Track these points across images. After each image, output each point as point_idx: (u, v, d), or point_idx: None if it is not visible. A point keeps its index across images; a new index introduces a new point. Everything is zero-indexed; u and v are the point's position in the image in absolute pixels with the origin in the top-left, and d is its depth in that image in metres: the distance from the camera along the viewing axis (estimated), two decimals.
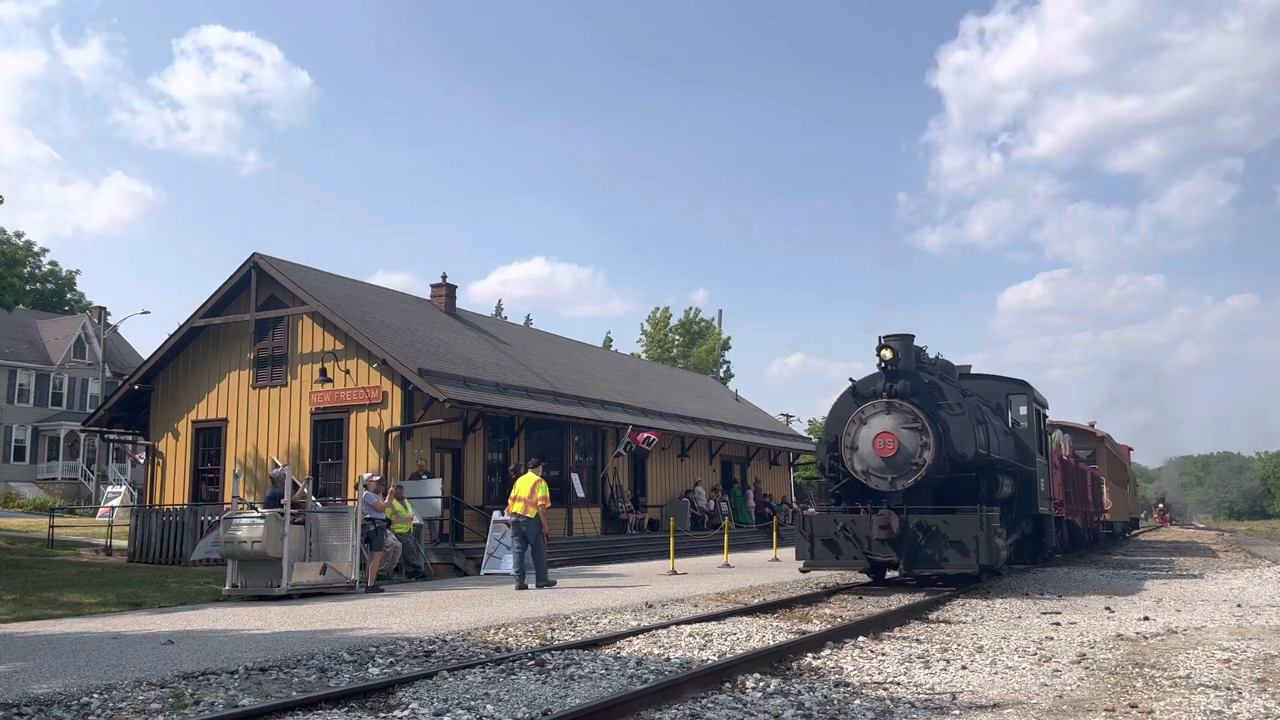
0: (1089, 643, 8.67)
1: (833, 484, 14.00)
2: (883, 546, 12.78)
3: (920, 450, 13.10)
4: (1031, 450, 16.69)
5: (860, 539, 12.93)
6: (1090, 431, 31.10)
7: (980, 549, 12.34)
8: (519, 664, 7.34)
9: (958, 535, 12.49)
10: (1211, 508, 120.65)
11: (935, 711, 5.82)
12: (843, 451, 13.65)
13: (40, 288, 60.70)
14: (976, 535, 12.39)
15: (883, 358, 13.55)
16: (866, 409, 13.56)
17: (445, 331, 25.18)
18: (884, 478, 13.28)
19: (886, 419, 13.32)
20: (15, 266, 31.53)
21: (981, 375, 17.44)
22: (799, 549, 13.53)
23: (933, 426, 13.12)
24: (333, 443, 21.14)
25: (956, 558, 12.45)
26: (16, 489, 46.18)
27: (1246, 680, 6.78)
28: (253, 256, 22.09)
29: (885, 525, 12.68)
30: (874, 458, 13.33)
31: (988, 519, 12.51)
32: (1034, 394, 17.53)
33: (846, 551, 13.06)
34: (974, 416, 13.58)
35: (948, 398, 13.57)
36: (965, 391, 14.43)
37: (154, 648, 8.48)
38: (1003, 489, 14.33)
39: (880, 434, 13.24)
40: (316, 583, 13.64)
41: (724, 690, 6.37)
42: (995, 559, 12.63)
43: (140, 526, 21.63)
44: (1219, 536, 41.94)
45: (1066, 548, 22.01)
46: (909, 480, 13.10)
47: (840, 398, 14.37)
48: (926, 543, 12.58)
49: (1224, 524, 78.81)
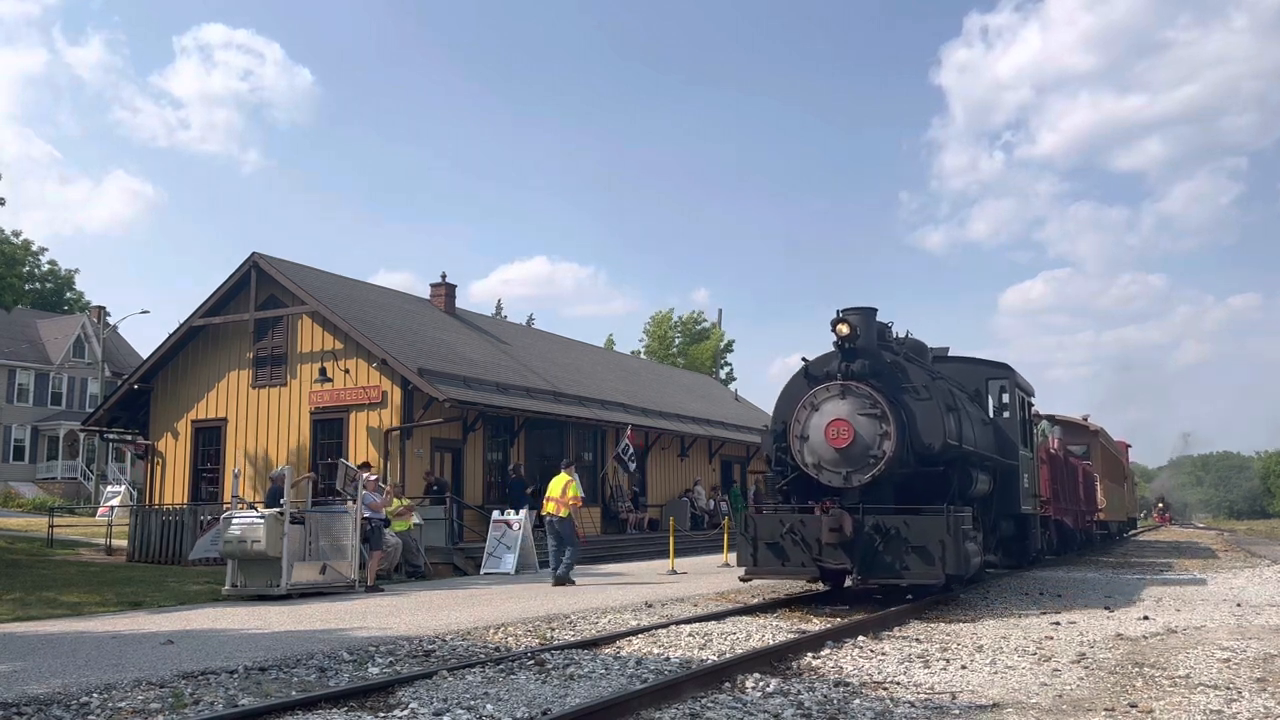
0: (1089, 642, 8.67)
1: (780, 478, 12.30)
2: (834, 551, 11.06)
3: (879, 440, 11.37)
4: (1013, 442, 14.98)
5: (810, 542, 11.20)
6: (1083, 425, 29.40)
7: (947, 555, 10.70)
8: (519, 664, 7.34)
9: (921, 539, 10.85)
10: (1211, 507, 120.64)
11: (935, 711, 5.82)
12: (791, 441, 11.93)
13: (40, 287, 60.69)
14: (942, 539, 10.74)
15: (838, 334, 11.75)
16: (819, 393, 11.83)
17: (445, 331, 25.17)
18: (837, 472, 11.55)
19: (841, 404, 11.64)
20: (15, 266, 31.48)
21: (958, 358, 15.65)
22: (740, 554, 11.94)
23: (894, 413, 11.44)
24: (332, 442, 21.14)
25: (919, 565, 10.82)
26: (16, 489, 46.17)
27: (1246, 680, 6.78)
28: (252, 256, 22.10)
29: (836, 527, 10.99)
30: (826, 449, 11.59)
31: (956, 520, 10.89)
32: (1017, 378, 15.70)
33: (794, 557, 11.33)
34: (943, 402, 11.92)
35: (913, 380, 11.87)
36: (935, 374, 12.78)
37: (153, 647, 8.47)
38: (977, 485, 12.84)
39: (833, 421, 11.54)
40: (316, 582, 13.63)
41: (724, 690, 6.37)
42: (964, 567, 10.98)
43: (140, 526, 21.63)
44: (1219, 536, 41.86)
45: (1055, 550, 20.70)
46: (866, 475, 11.39)
47: (791, 380, 12.66)
48: (885, 548, 10.95)
49: (1224, 523, 78.80)
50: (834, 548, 11.07)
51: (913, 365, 12.20)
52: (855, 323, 11.84)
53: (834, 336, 11.86)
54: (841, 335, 11.74)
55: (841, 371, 11.79)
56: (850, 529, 10.94)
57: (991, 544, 14.13)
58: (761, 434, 13.03)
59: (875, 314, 12.31)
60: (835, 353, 11.94)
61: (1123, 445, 37.54)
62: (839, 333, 11.72)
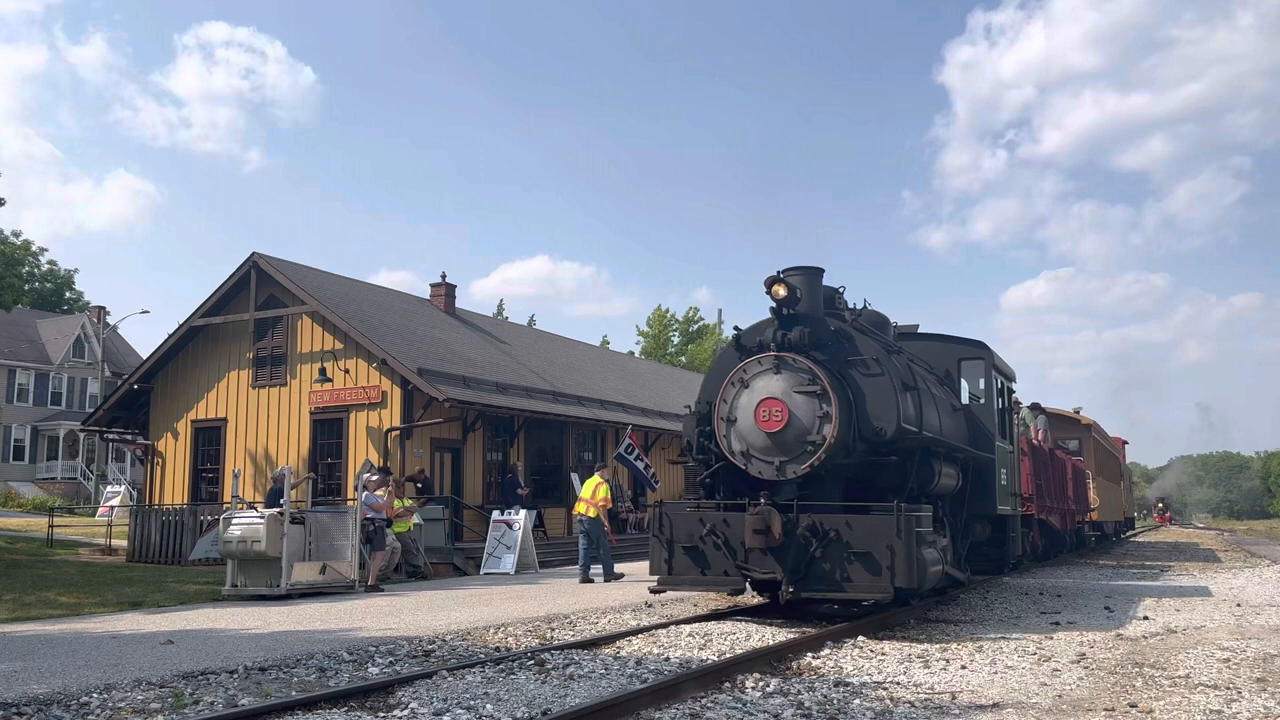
0: (1088, 642, 8.67)
1: (703, 469, 10.45)
2: (762, 558, 9.34)
3: (818, 424, 9.51)
4: (989, 431, 12.99)
5: (735, 547, 9.49)
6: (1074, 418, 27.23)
7: (896, 563, 8.91)
8: (518, 664, 7.34)
9: (865, 544, 9.05)
10: (1212, 507, 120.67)
11: (935, 711, 5.82)
12: (717, 425, 10.12)
13: (40, 287, 60.72)
14: (891, 545, 8.93)
15: (774, 296, 9.87)
16: (750, 366, 9.97)
17: (445, 331, 25.17)
18: (769, 461, 9.71)
19: (774, 380, 9.78)
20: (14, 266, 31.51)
21: (928, 335, 13.68)
22: (652, 560, 9.99)
23: (837, 391, 9.60)
24: (332, 442, 21.14)
25: (863, 576, 9.03)
26: (16, 489, 46.16)
27: (1246, 680, 6.78)
28: (252, 256, 22.10)
29: (762, 528, 9.14)
30: (756, 433, 9.74)
31: (908, 521, 9.03)
32: (994, 359, 13.60)
33: (716, 564, 9.59)
34: (898, 379, 10.03)
35: (862, 352, 9.99)
36: (893, 347, 10.80)
37: (153, 647, 8.47)
38: (941, 480, 10.87)
39: (764, 401, 9.71)
40: (316, 583, 13.63)
41: (724, 690, 6.37)
42: (918, 578, 9.04)
43: (140, 526, 21.62)
44: (1219, 536, 41.82)
45: (1039, 554, 18.82)
46: (803, 465, 9.55)
47: (722, 352, 10.93)
48: (823, 554, 9.14)
49: (1224, 523, 78.83)
50: (762, 553, 9.34)
51: (864, 336, 10.38)
52: (796, 284, 10.04)
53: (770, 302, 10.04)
54: (778, 298, 9.89)
55: (776, 341, 9.96)
56: (780, 531, 9.19)
57: (963, 549, 12.56)
58: (684, 417, 11.03)
59: (821, 275, 10.54)
60: (771, 319, 10.18)
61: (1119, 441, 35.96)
62: (775, 295, 9.88)
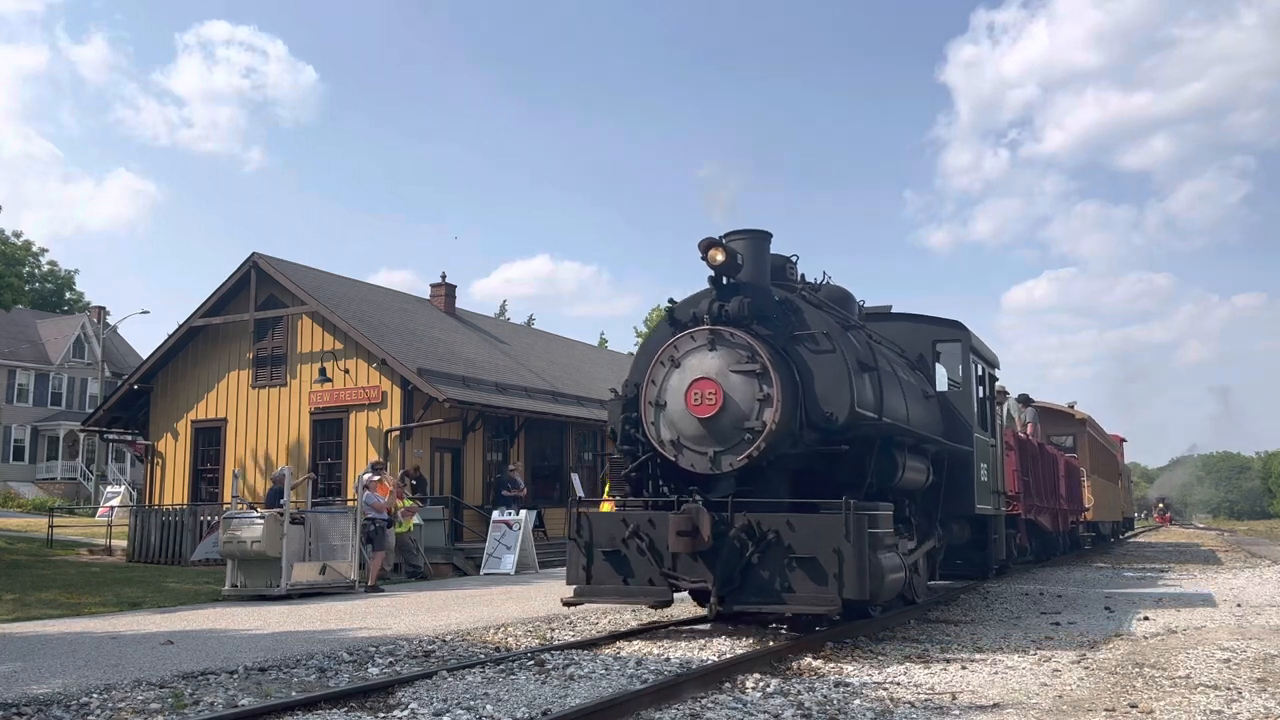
0: (1089, 642, 8.67)
1: (629, 461, 9.12)
2: (692, 564, 8.18)
3: (757, 408, 8.25)
4: (966, 422, 11.73)
5: (662, 552, 8.29)
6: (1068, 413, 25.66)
7: (845, 571, 7.70)
8: (519, 664, 7.34)
9: (810, 548, 7.82)
10: (1212, 507, 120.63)
11: (935, 711, 5.81)
12: (644, 410, 8.87)
13: (40, 287, 60.72)
14: (839, 549, 7.71)
15: (711, 262, 8.64)
16: (682, 342, 8.70)
17: (445, 331, 25.18)
18: (702, 452, 8.45)
19: (708, 358, 8.51)
20: (14, 266, 31.52)
21: (900, 315, 12.47)
22: (569, 567, 8.77)
23: (780, 370, 8.34)
24: (332, 442, 21.15)
25: (806, 586, 7.82)
26: (16, 489, 46.18)
27: (1246, 680, 6.77)
28: (252, 256, 22.11)
29: (688, 529, 7.98)
30: (687, 420, 8.47)
31: (859, 521, 7.80)
32: (972, 341, 12.31)
33: (640, 572, 8.40)
34: (852, 357, 8.75)
35: (810, 326, 8.70)
36: (851, 322, 9.61)
37: (153, 648, 8.47)
38: (905, 474, 9.61)
39: (696, 382, 8.44)
40: (316, 583, 13.64)
41: (724, 690, 6.37)
42: (872, 587, 7.84)
43: (140, 526, 21.63)
44: (1219, 537, 41.80)
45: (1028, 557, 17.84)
46: (740, 456, 8.29)
47: (654, 328, 9.68)
48: (760, 560, 7.95)
49: (1224, 524, 78.84)
50: (691, 559, 8.18)
51: (815, 309, 9.10)
52: (739, 249, 8.85)
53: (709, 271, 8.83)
54: (715, 264, 8.67)
55: (712, 313, 8.71)
56: (709, 533, 8.00)
57: (938, 553, 11.56)
58: (608, 402, 9.80)
59: (768, 241, 9.28)
60: (709, 289, 8.99)
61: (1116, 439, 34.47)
62: (711, 260, 8.65)
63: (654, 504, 8.88)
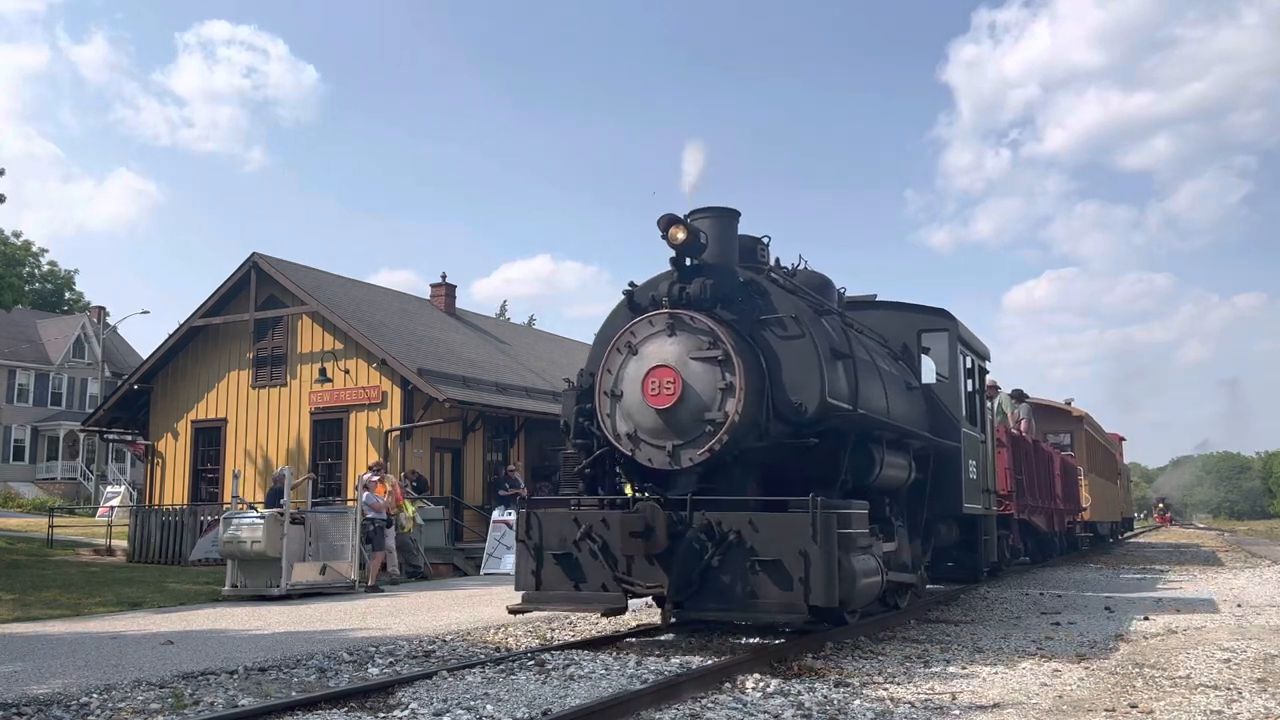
0: (1089, 642, 8.67)
1: (583, 456, 8.59)
2: (648, 568, 7.58)
3: (719, 398, 7.69)
4: (952, 417, 11.12)
5: (617, 554, 7.70)
6: (1064, 409, 24.67)
7: (811, 575, 7.08)
8: (519, 664, 7.34)
9: (774, 550, 7.22)
10: (1212, 507, 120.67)
11: (935, 711, 5.81)
12: (599, 401, 8.31)
13: (40, 287, 60.73)
14: (805, 550, 7.11)
15: (671, 241, 8.00)
16: (639, 327, 8.13)
17: (445, 331, 25.18)
18: (660, 446, 7.89)
19: (667, 344, 7.92)
20: (15, 266, 31.54)
21: (884, 303, 11.90)
22: (518, 572, 8.18)
23: (745, 356, 7.79)
24: (332, 442, 21.16)
25: (770, 591, 7.20)
26: (16, 489, 46.19)
27: (1246, 680, 6.78)
28: (252, 256, 22.12)
29: (640, 529, 7.42)
30: (644, 411, 7.89)
31: (827, 520, 7.17)
32: (960, 330, 11.66)
33: (593, 576, 7.80)
34: (824, 343, 8.10)
35: (778, 309, 8.12)
36: (823, 307, 8.91)
37: (153, 648, 8.47)
38: (884, 470, 8.98)
39: (654, 370, 7.85)
40: (316, 583, 13.64)
41: (724, 690, 6.36)
42: (843, 593, 7.23)
43: (140, 526, 21.63)
44: (1219, 537, 41.79)
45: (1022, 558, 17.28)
46: (701, 450, 7.73)
47: (612, 312, 8.95)
48: (721, 563, 7.34)
49: (1224, 524, 78.84)
50: (648, 562, 7.57)
51: (785, 292, 8.48)
52: (702, 228, 8.25)
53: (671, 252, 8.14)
54: (676, 243, 8.03)
55: (671, 296, 8.14)
56: (664, 534, 7.45)
57: (924, 555, 11.00)
58: (563, 393, 9.21)
59: (736, 220, 8.70)
60: (670, 272, 8.40)
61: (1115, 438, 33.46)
62: (672, 239, 8.00)
63: (610, 503, 8.27)
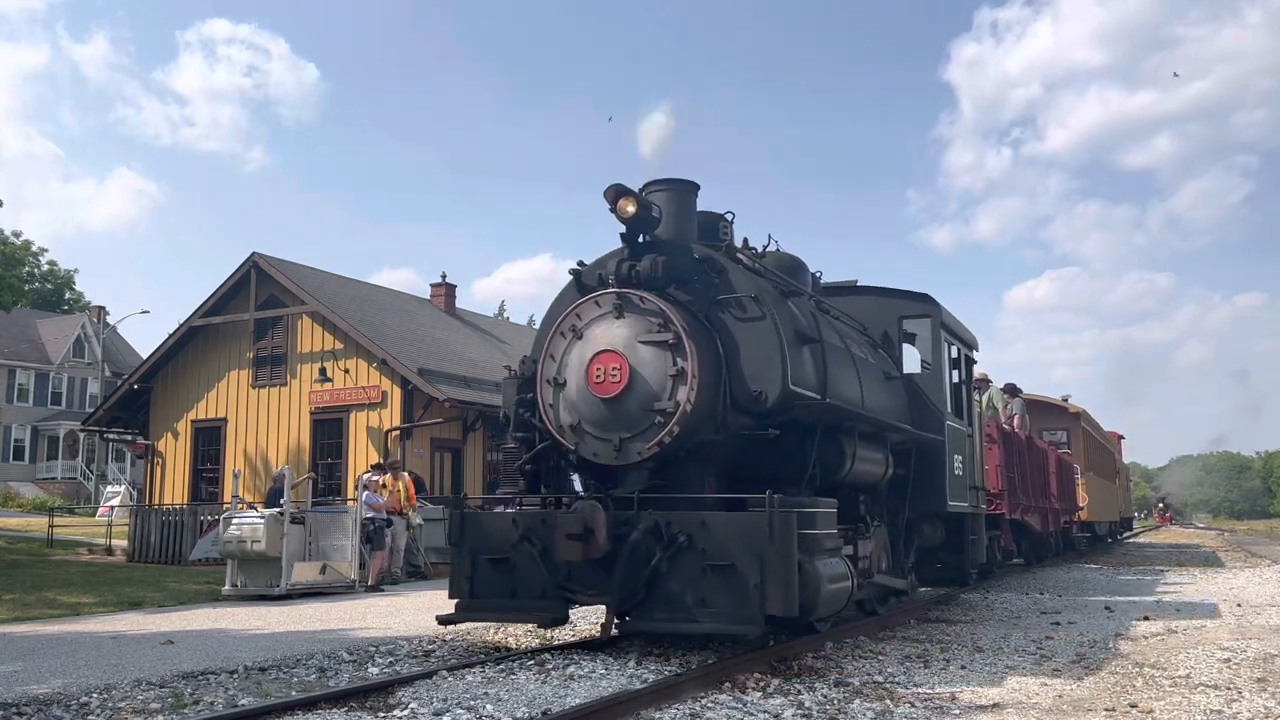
0: (1089, 642, 8.67)
1: (524, 451, 7.90)
2: (592, 574, 6.97)
3: (671, 386, 7.01)
4: (935, 408, 10.38)
5: (557, 560, 7.06)
6: (1061, 406, 23.84)
7: (767, 582, 6.42)
8: (519, 663, 7.33)
9: (726, 554, 6.57)
10: (1212, 507, 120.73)
11: (935, 711, 5.81)
12: (540, 390, 7.63)
13: (40, 287, 60.74)
14: (762, 554, 6.44)
15: (621, 214, 7.36)
16: (585, 309, 7.48)
17: (445, 331, 25.19)
18: (605, 439, 7.22)
19: (614, 327, 7.26)
20: (14, 266, 31.56)
21: (863, 288, 11.26)
22: (452, 577, 7.65)
23: (699, 340, 7.15)
24: (332, 442, 21.16)
25: (721, 600, 6.58)
26: (16, 489, 46.19)
27: (1246, 680, 6.78)
28: (252, 256, 22.13)
29: (578, 531, 6.79)
30: (589, 401, 7.23)
31: (786, 521, 6.49)
32: (943, 316, 10.94)
33: (532, 584, 7.20)
34: (788, 326, 7.47)
35: (736, 288, 7.49)
36: (788, 288, 8.18)
37: (153, 647, 8.47)
38: (855, 465, 8.21)
39: (598, 355, 7.18)
40: (316, 583, 13.64)
41: (724, 690, 6.36)
42: (804, 600, 6.68)
43: (140, 526, 21.63)
44: (1219, 537, 41.79)
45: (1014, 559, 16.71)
46: (649, 443, 7.06)
47: (561, 293, 8.22)
48: (670, 568, 6.73)
49: (1224, 523, 78.87)
50: (592, 568, 6.91)
51: (745, 270, 7.81)
52: (657, 201, 7.61)
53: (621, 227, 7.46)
54: (626, 216, 7.34)
55: (619, 275, 7.46)
56: (606, 536, 6.80)
57: (907, 556, 10.39)
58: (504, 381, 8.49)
59: (695, 193, 8.02)
60: (621, 249, 7.74)
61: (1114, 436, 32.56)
62: (621, 212, 7.33)
63: (557, 502, 7.68)
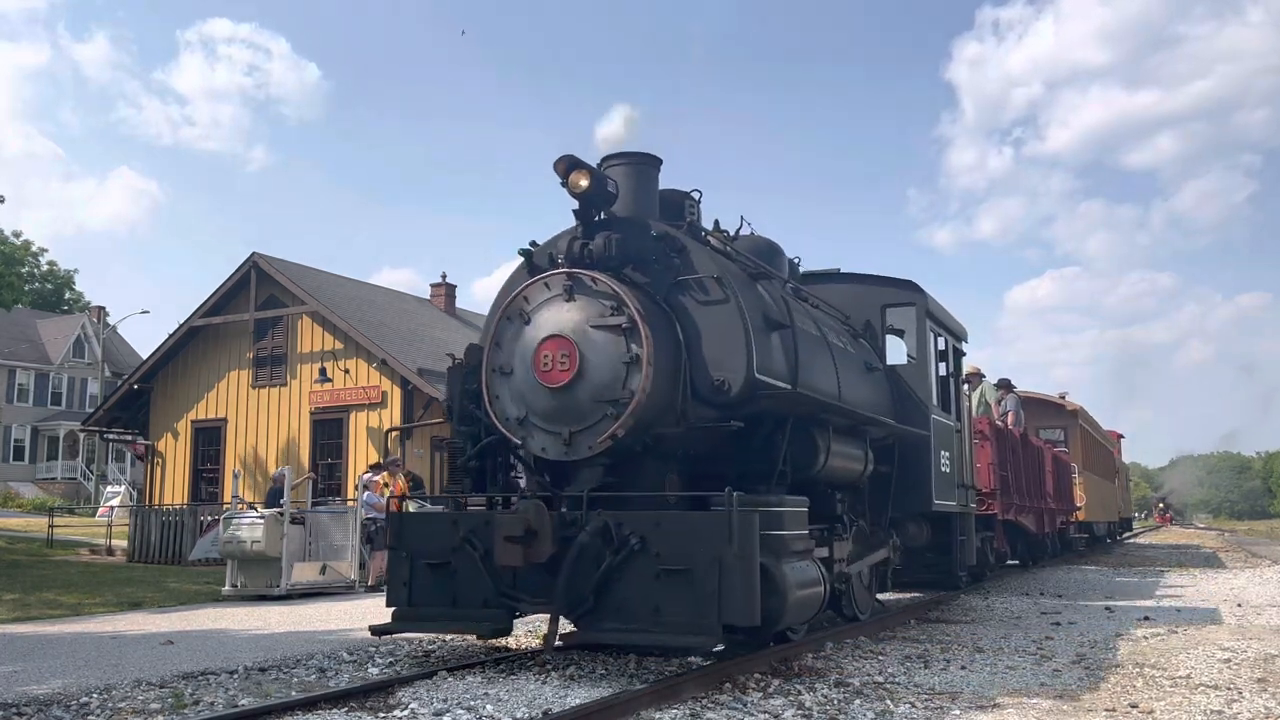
0: (1089, 642, 8.67)
1: (470, 446, 7.31)
2: (537, 580, 6.46)
3: (625, 374, 6.48)
4: (921, 401, 9.85)
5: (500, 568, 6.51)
6: (1058, 403, 23.05)
7: (724, 589, 5.92)
8: (519, 664, 7.33)
9: (682, 558, 6.05)
10: (1212, 507, 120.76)
11: (935, 711, 5.81)
12: (486, 380, 7.07)
13: (40, 287, 60.74)
14: (720, 558, 5.93)
15: (573, 189, 6.82)
16: (534, 291, 6.93)
17: (445, 331, 25.19)
18: (554, 432, 6.70)
19: (564, 311, 6.74)
20: (14, 266, 31.57)
21: (846, 276, 10.75)
22: (389, 584, 7.26)
23: (656, 324, 6.64)
24: (332, 442, 21.16)
25: (676, 609, 6.06)
26: (16, 489, 46.20)
27: (1247, 680, 6.78)
28: (252, 256, 22.13)
29: (519, 534, 6.26)
30: (537, 391, 6.71)
31: (748, 522, 6.00)
32: (929, 305, 10.41)
33: (474, 591, 6.69)
34: (755, 309, 6.97)
35: (698, 268, 6.94)
36: (757, 270, 7.68)
37: (153, 647, 8.47)
38: (828, 460, 7.73)
39: (546, 341, 6.67)
40: (316, 583, 13.65)
41: (724, 690, 6.36)
42: (769, 608, 6.23)
43: (140, 526, 21.64)
44: (1219, 537, 41.78)
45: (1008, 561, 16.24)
46: (601, 437, 6.54)
47: (511, 275, 7.65)
48: (622, 574, 6.21)
49: (1224, 524, 78.89)
50: (537, 573, 6.40)
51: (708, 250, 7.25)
52: (614, 176, 7.13)
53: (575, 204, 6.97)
54: (578, 191, 6.82)
55: (571, 254, 6.92)
56: (551, 538, 6.27)
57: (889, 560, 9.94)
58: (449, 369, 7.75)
59: (657, 169, 7.55)
60: (574, 226, 7.16)
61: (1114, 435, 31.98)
62: (573, 187, 6.81)
63: (504, 502, 7.22)
